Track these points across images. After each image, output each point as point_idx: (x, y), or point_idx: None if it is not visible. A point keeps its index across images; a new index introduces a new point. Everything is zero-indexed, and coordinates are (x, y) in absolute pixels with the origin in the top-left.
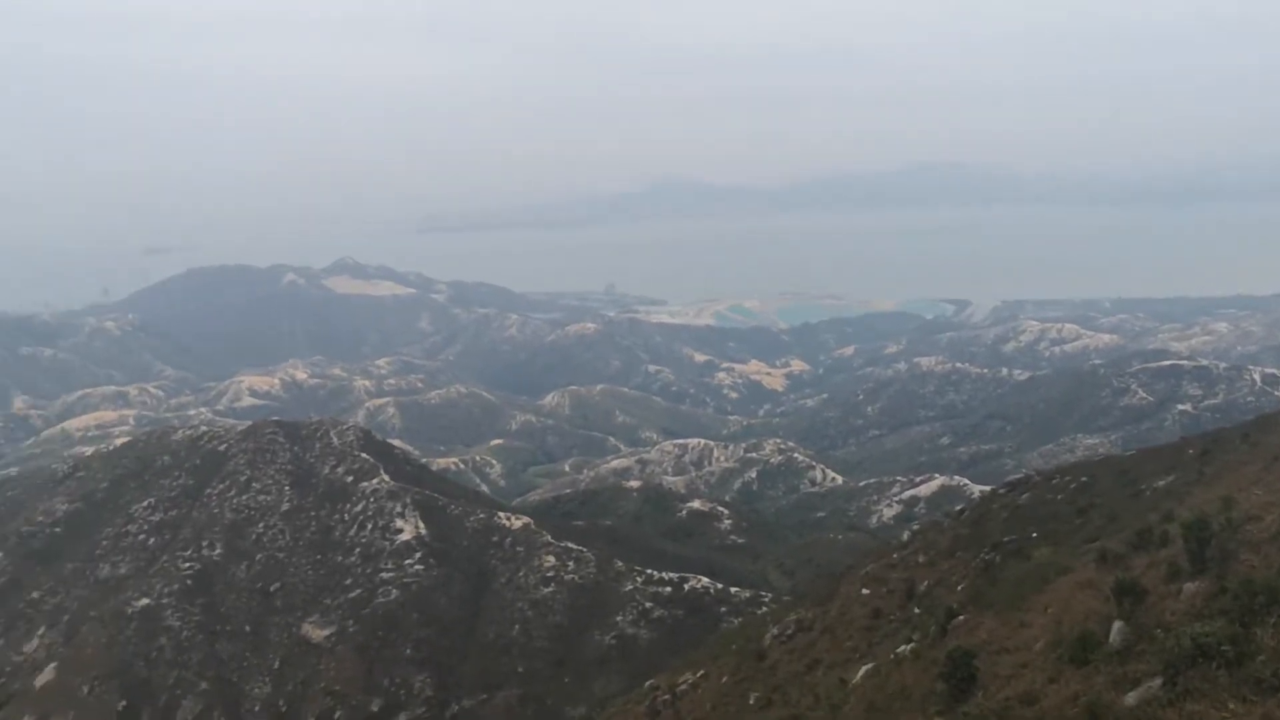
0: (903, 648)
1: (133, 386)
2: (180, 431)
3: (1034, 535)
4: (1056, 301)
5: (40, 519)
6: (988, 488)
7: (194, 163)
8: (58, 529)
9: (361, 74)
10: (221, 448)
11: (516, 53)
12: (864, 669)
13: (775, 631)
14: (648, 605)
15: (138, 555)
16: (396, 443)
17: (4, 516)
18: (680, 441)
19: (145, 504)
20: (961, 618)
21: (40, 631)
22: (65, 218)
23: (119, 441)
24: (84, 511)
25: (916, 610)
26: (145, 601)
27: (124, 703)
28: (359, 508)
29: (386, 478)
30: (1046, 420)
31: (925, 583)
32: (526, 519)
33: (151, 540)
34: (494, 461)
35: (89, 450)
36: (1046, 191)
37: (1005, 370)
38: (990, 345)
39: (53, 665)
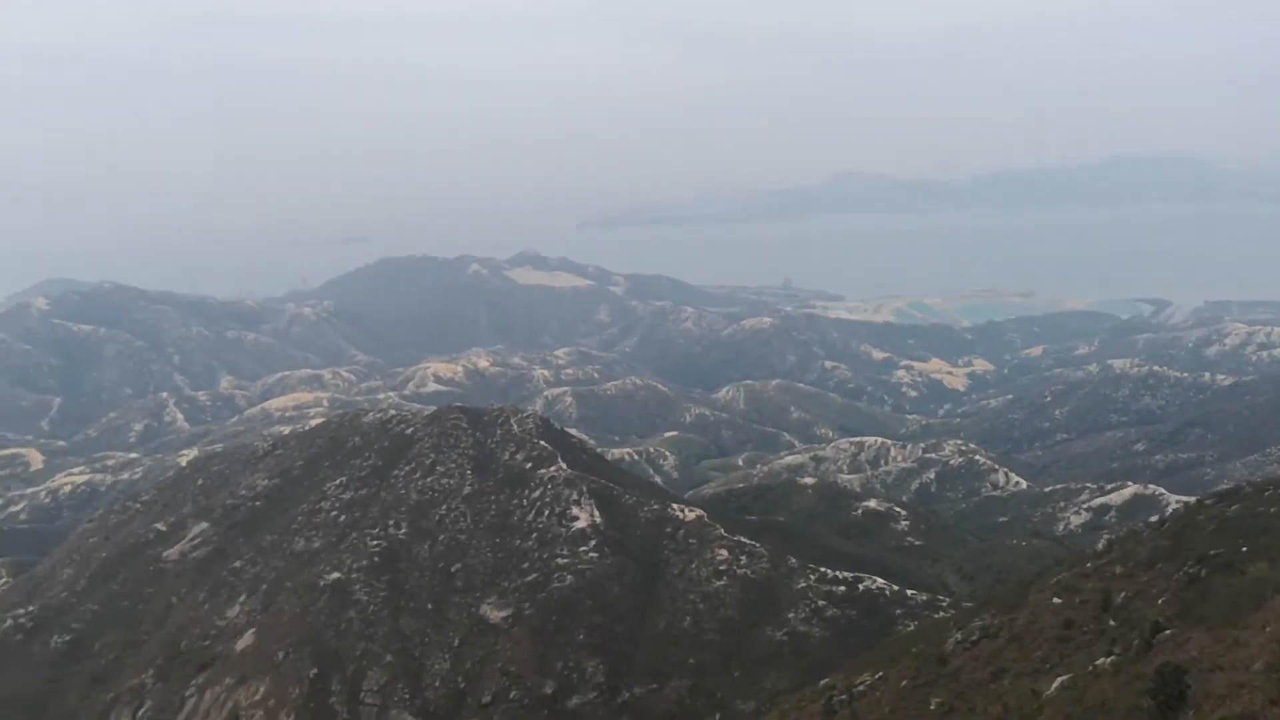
0: (1102, 660)
1: (327, 370)
2: (370, 414)
3: (1244, 550)
4: (1266, 303)
5: (243, 493)
6: (1188, 498)
7: (387, 158)
8: (258, 503)
9: (546, 71)
10: (408, 431)
11: (692, 45)
12: (1059, 680)
13: (958, 637)
14: (820, 603)
15: (329, 531)
16: (573, 432)
17: (211, 489)
18: (856, 439)
19: (337, 482)
20: (1168, 632)
21: (241, 599)
22: (270, 211)
23: (314, 422)
24: (282, 487)
25: (1112, 622)
26: (336, 575)
27: (315, 670)
28: (537, 494)
29: (564, 465)
30: (1252, 429)
31: (1122, 594)
32: (700, 511)
33: (342, 517)
34: (667, 453)
35: (287, 429)
36: (1248, 186)
37: (1207, 375)
38: (1191, 348)
39: (251, 631)
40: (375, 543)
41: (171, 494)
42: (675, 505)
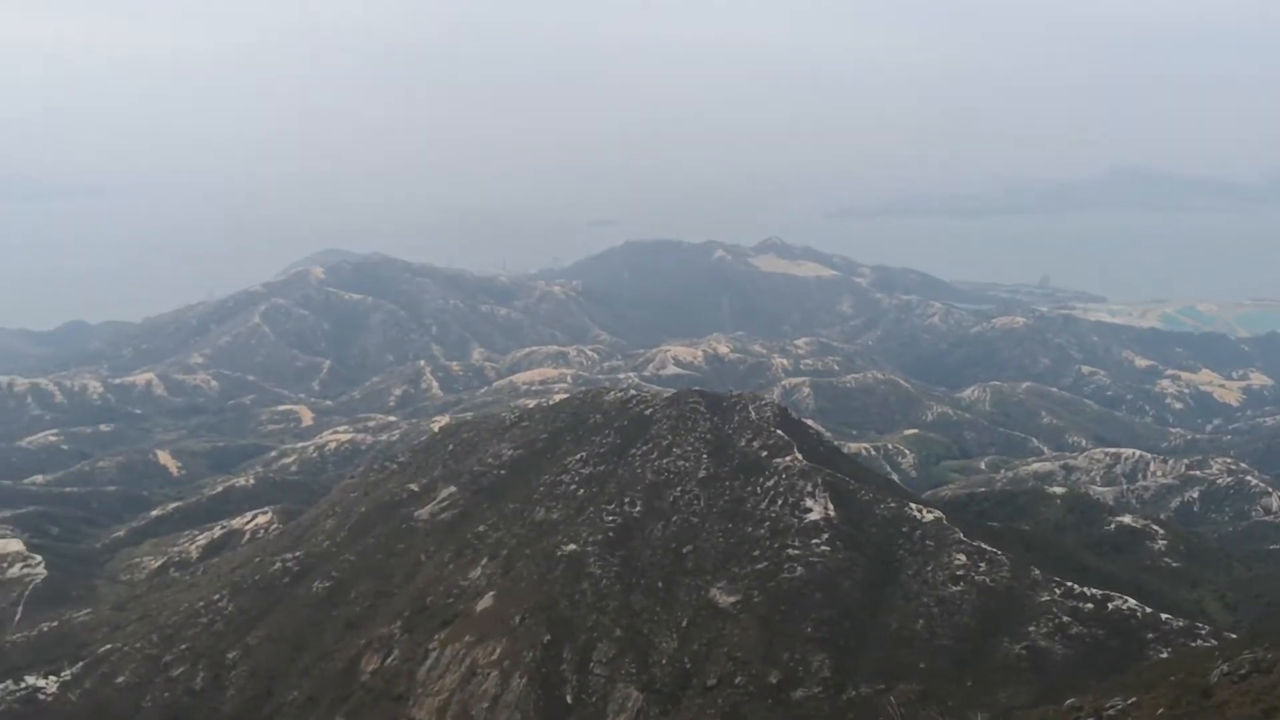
0: None
1: (572, 347)
2: (611, 393)
3: None
4: None
5: (490, 461)
6: None
7: (638, 140)
8: (503, 471)
9: (802, 53)
10: (647, 412)
11: (943, 29)
12: None
13: (1224, 669)
14: (1064, 619)
15: (568, 503)
16: (810, 422)
17: (460, 455)
18: (1112, 450)
19: (578, 457)
20: None
21: (483, 562)
22: (526, 190)
23: (557, 397)
24: (525, 458)
25: None
26: (572, 547)
27: (548, 637)
28: (771, 482)
29: (799, 456)
30: None
31: None
32: (938, 513)
33: (581, 491)
34: (906, 451)
35: (532, 402)
36: None
37: None
38: None
39: (491, 594)
40: (611, 519)
41: (424, 457)
42: (913, 504)
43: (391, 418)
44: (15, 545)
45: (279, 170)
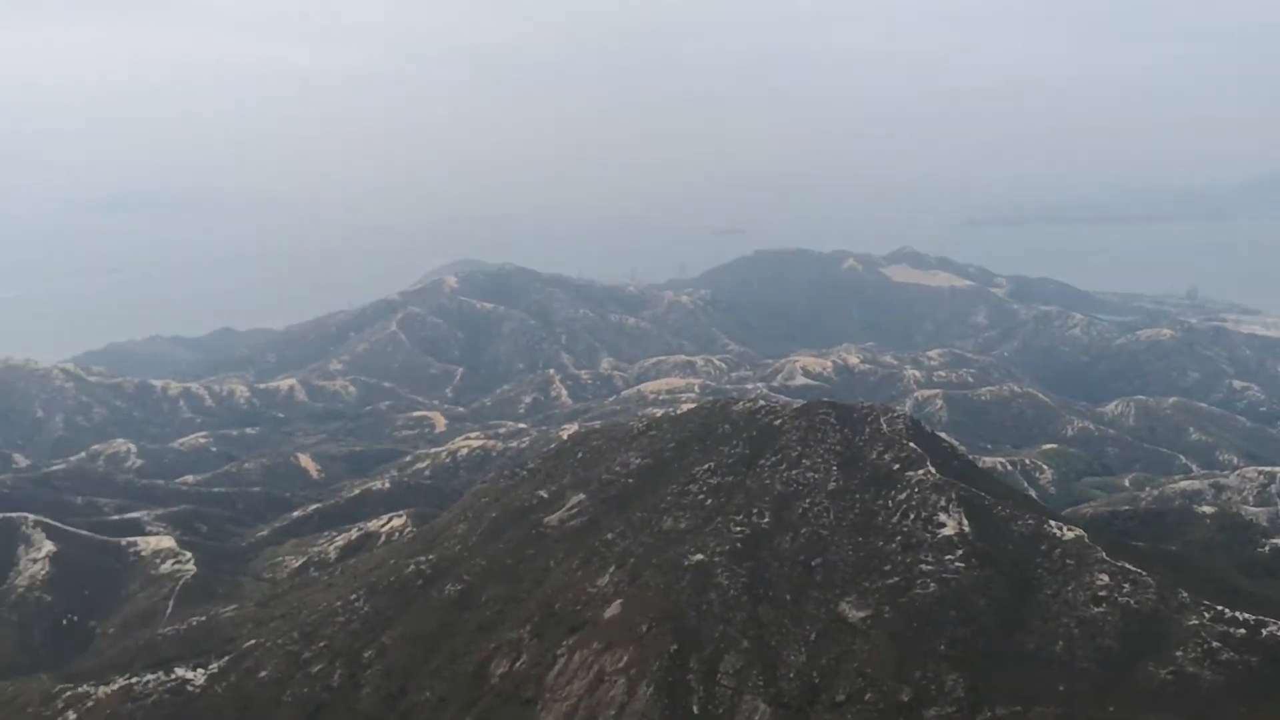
0: None
1: (699, 357)
2: (740, 403)
3: None
4: None
5: (618, 469)
6: None
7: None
8: (631, 480)
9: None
10: (776, 422)
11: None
12: None
13: None
14: (1214, 644)
15: (696, 513)
16: (943, 435)
17: (589, 463)
18: (1267, 469)
19: (705, 467)
20: None
21: (610, 569)
22: (655, 201)
23: (685, 406)
24: (653, 467)
25: None
26: (699, 557)
27: (675, 646)
28: (903, 496)
29: (932, 470)
30: None
31: None
32: (1079, 531)
33: (709, 501)
34: (1044, 466)
35: (659, 412)
36: None
37: None
38: None
39: (619, 601)
40: (738, 529)
41: (554, 464)
42: (1052, 522)
43: (522, 425)
44: (168, 542)
45: (415, 182)
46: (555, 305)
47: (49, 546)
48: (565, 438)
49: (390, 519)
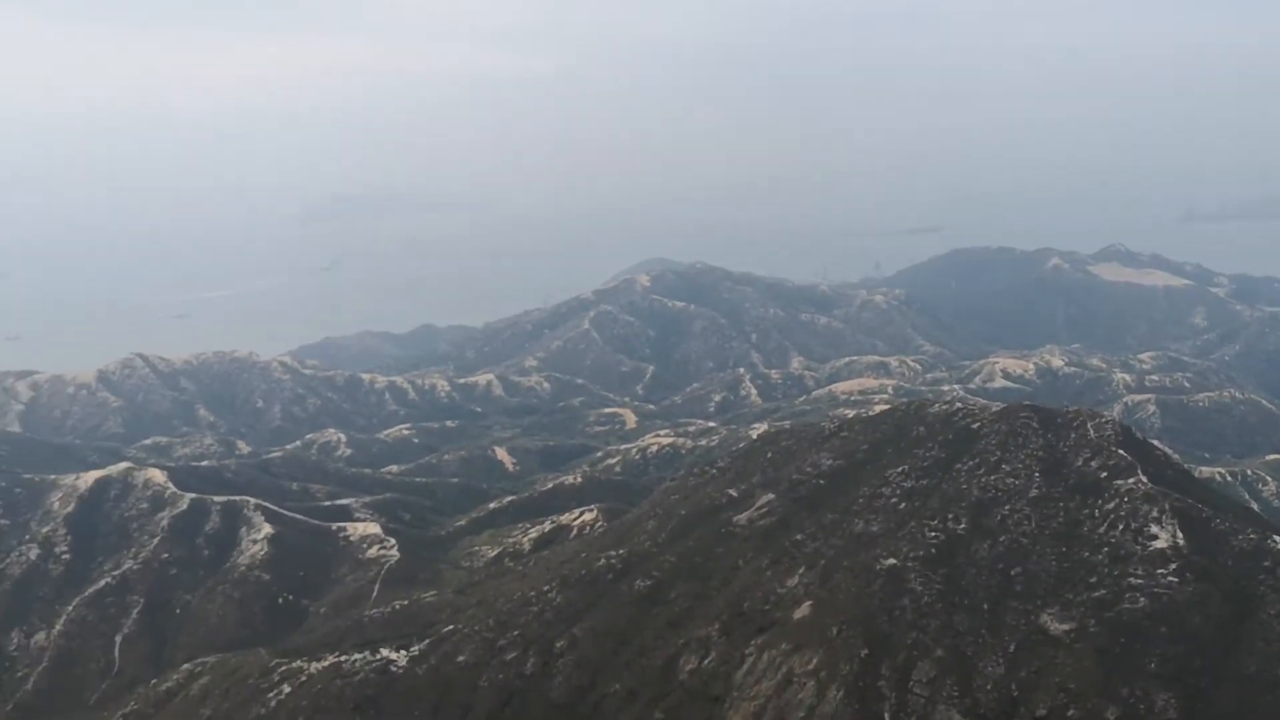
0: None
1: (893, 358)
2: (935, 405)
3: None
4: None
5: (808, 470)
6: None
7: (962, 144)
8: (821, 481)
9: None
10: (974, 425)
11: None
12: None
13: None
14: None
15: (888, 517)
16: (1155, 443)
17: (778, 463)
18: None
19: (899, 470)
20: None
21: (800, 571)
22: (847, 198)
23: (878, 408)
24: (845, 469)
25: None
26: (891, 561)
27: (866, 651)
28: (1110, 506)
29: (1144, 479)
30: None
31: None
32: None
33: (902, 505)
34: (1268, 478)
35: (851, 412)
36: None
37: None
38: None
39: (808, 603)
40: (933, 534)
41: (743, 464)
42: (1276, 537)
43: (711, 423)
44: (374, 528)
45: (607, 181)
46: (746, 304)
47: (267, 529)
48: (755, 437)
49: (582, 513)
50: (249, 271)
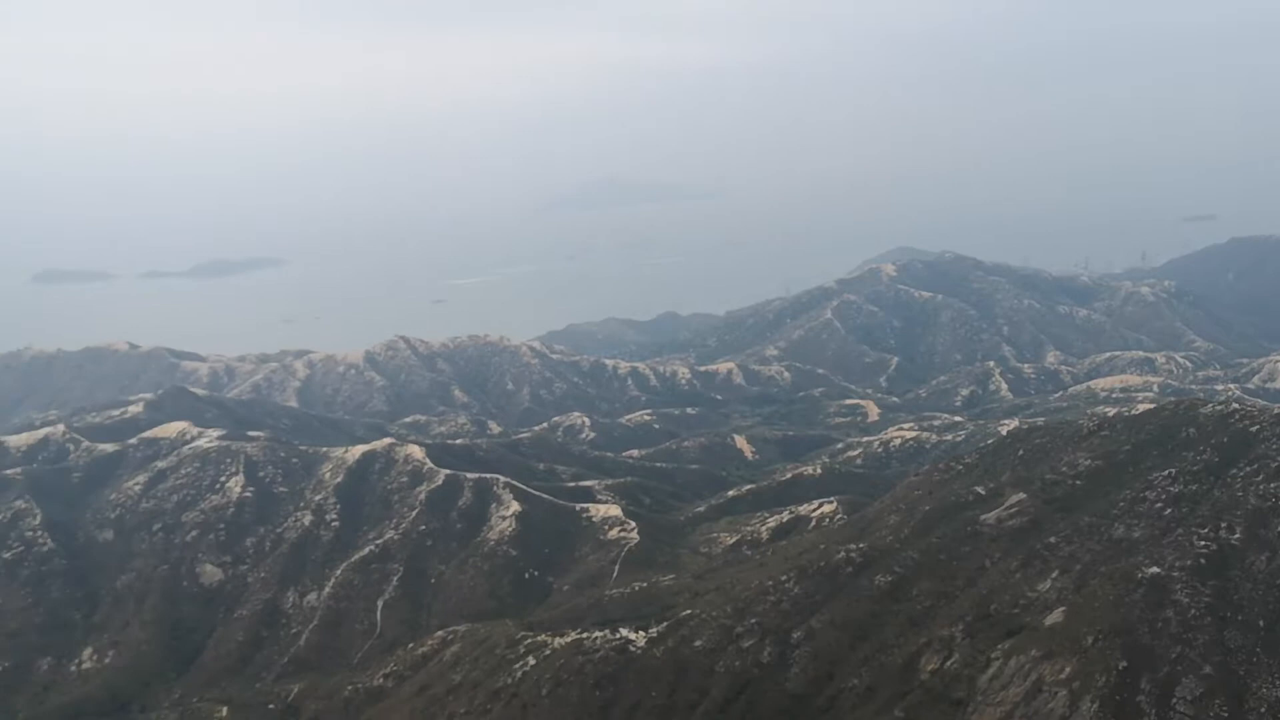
0: None
1: (1160, 354)
2: (1208, 405)
3: None
4: None
5: (1063, 470)
6: None
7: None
8: (1078, 482)
9: None
10: (1252, 428)
11: None
12: None
13: None
14: None
15: (1152, 523)
16: None
17: (1030, 461)
18: None
19: (1165, 473)
20: None
21: (1053, 575)
22: (1110, 186)
23: (1142, 407)
24: (1104, 470)
25: None
26: (1155, 570)
27: (1124, 663)
28: None
29: None
30: None
31: None
32: None
33: (1168, 510)
34: None
35: (1111, 411)
36: None
37: None
38: None
39: (1061, 609)
40: (1203, 544)
41: (991, 460)
42: None
43: (957, 418)
44: (616, 510)
45: (851, 171)
46: (997, 295)
47: (516, 506)
48: (1005, 433)
49: (821, 504)
50: (500, 259)
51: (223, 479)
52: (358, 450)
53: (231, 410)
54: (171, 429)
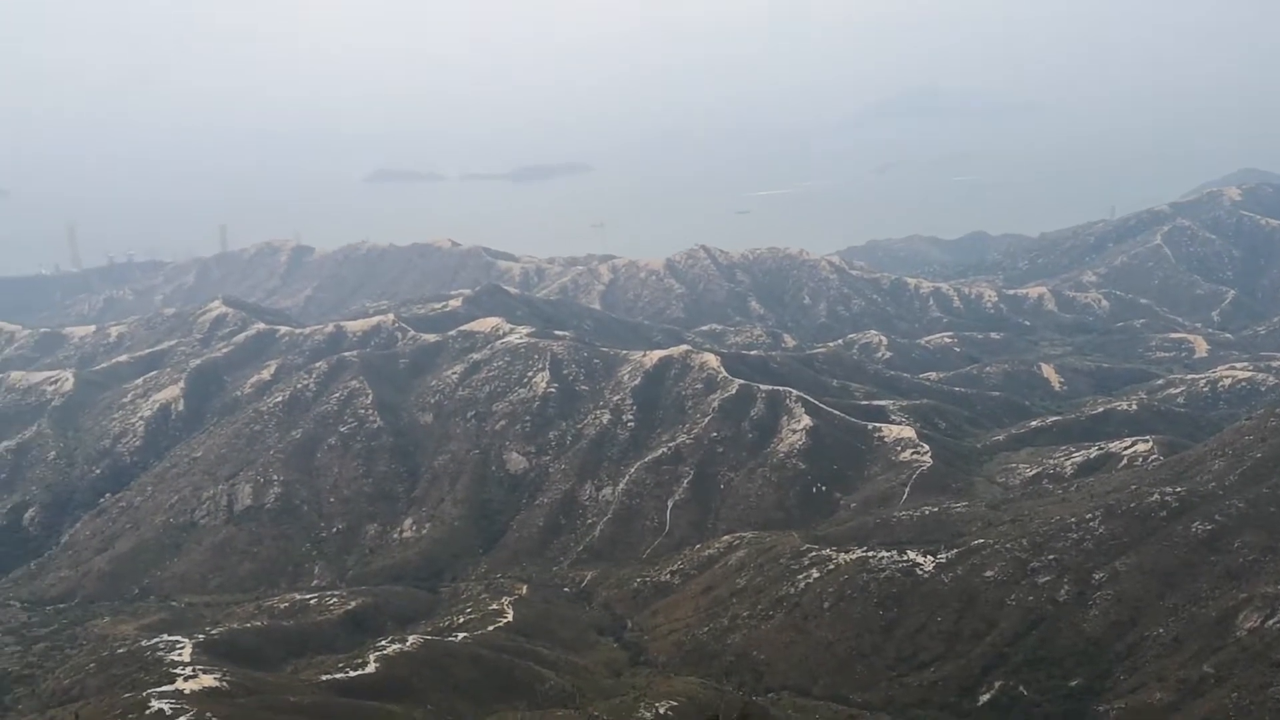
0: None
1: None
2: None
3: None
4: None
5: None
6: None
7: None
8: None
9: None
10: None
11: None
12: None
13: None
14: None
15: None
16: None
17: None
18: None
19: None
20: None
21: None
22: None
23: None
24: None
25: None
26: None
27: None
28: None
29: None
30: None
31: None
32: None
33: None
34: None
35: None
36: None
37: None
38: None
39: None
40: None
41: None
42: None
43: None
44: (909, 432)
45: (1187, 84)
46: None
47: (806, 420)
48: None
49: (1134, 442)
50: (807, 171)
51: (530, 374)
52: (655, 355)
53: (540, 309)
54: (486, 324)
